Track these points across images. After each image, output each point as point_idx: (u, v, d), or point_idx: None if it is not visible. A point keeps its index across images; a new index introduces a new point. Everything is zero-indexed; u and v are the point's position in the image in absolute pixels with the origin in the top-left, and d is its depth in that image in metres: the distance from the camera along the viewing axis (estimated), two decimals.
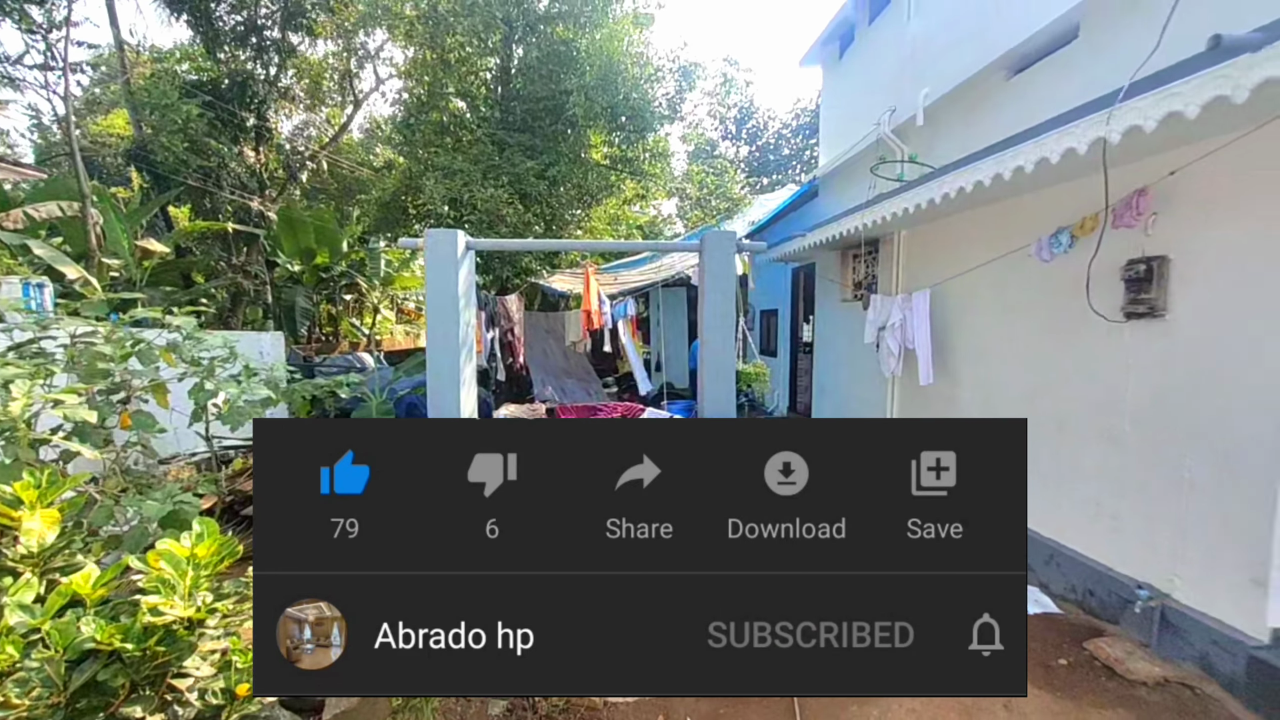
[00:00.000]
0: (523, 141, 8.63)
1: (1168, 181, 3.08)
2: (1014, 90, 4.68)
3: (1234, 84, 2.22)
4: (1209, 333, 2.98)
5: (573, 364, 8.24)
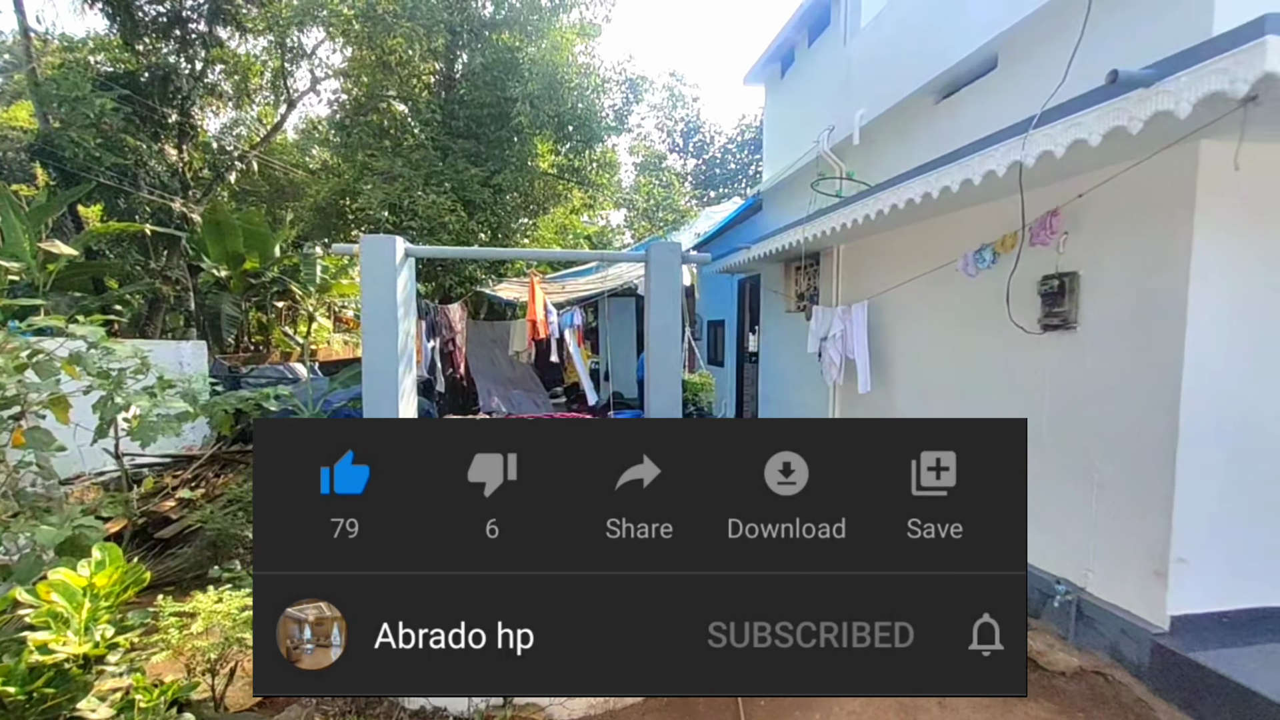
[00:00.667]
0: (467, 148, 8.48)
1: (1077, 203, 3.32)
2: (942, 113, 4.95)
3: (1130, 115, 2.42)
4: (1112, 343, 3.22)
5: (518, 374, 8.12)
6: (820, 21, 7.03)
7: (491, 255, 6.75)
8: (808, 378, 6.46)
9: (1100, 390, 3.28)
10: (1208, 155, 2.74)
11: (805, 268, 6.76)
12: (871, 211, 4.27)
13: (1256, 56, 2.01)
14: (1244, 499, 2.94)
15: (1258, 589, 3.00)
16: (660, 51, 45.99)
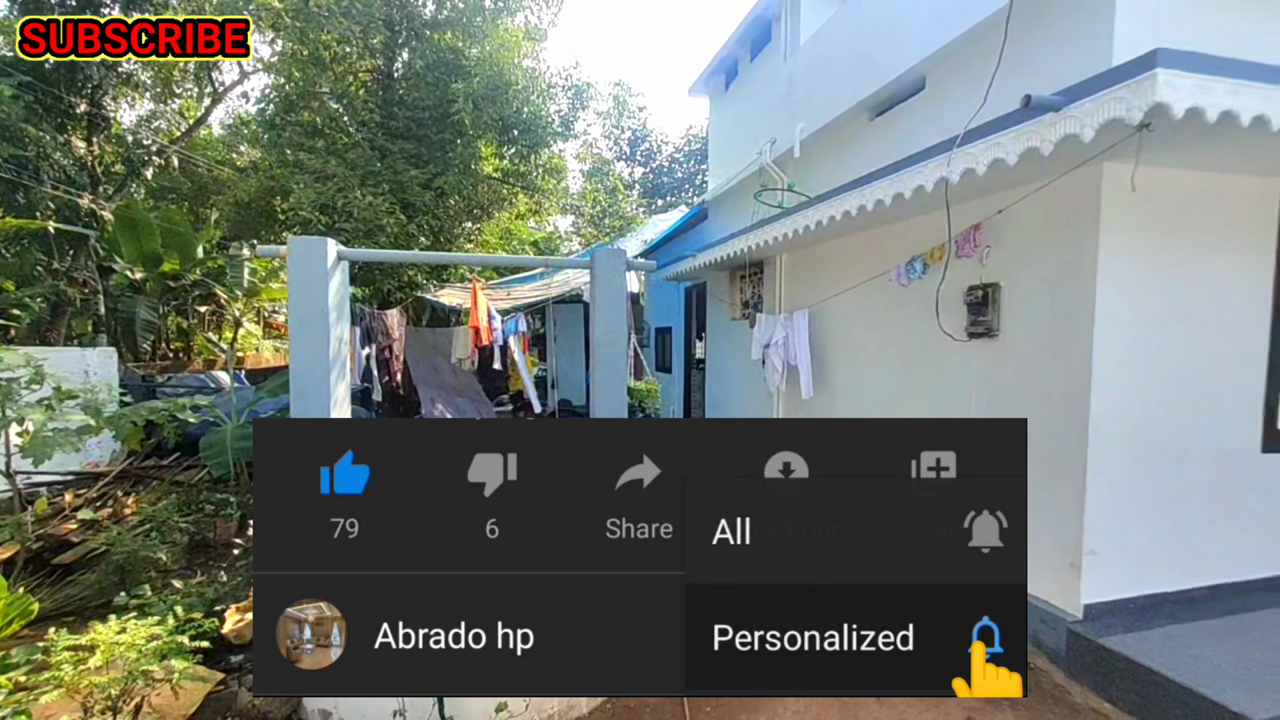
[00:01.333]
0: (407, 149, 8.22)
1: (997, 218, 3.52)
2: (876, 130, 5.17)
3: (1041, 138, 2.59)
4: (1030, 350, 3.43)
5: (461, 382, 7.89)
6: (762, 37, 7.23)
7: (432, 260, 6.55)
8: (753, 384, 6.58)
9: (1020, 394, 3.48)
10: (1110, 176, 2.96)
11: (750, 276, 6.90)
12: (811, 223, 4.40)
13: (1149, 87, 2.19)
14: (1146, 494, 3.18)
15: (1158, 576, 3.24)
16: (607, 60, 46.26)
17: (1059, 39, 3.39)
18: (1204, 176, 3.15)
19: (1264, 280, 3.33)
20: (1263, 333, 3.35)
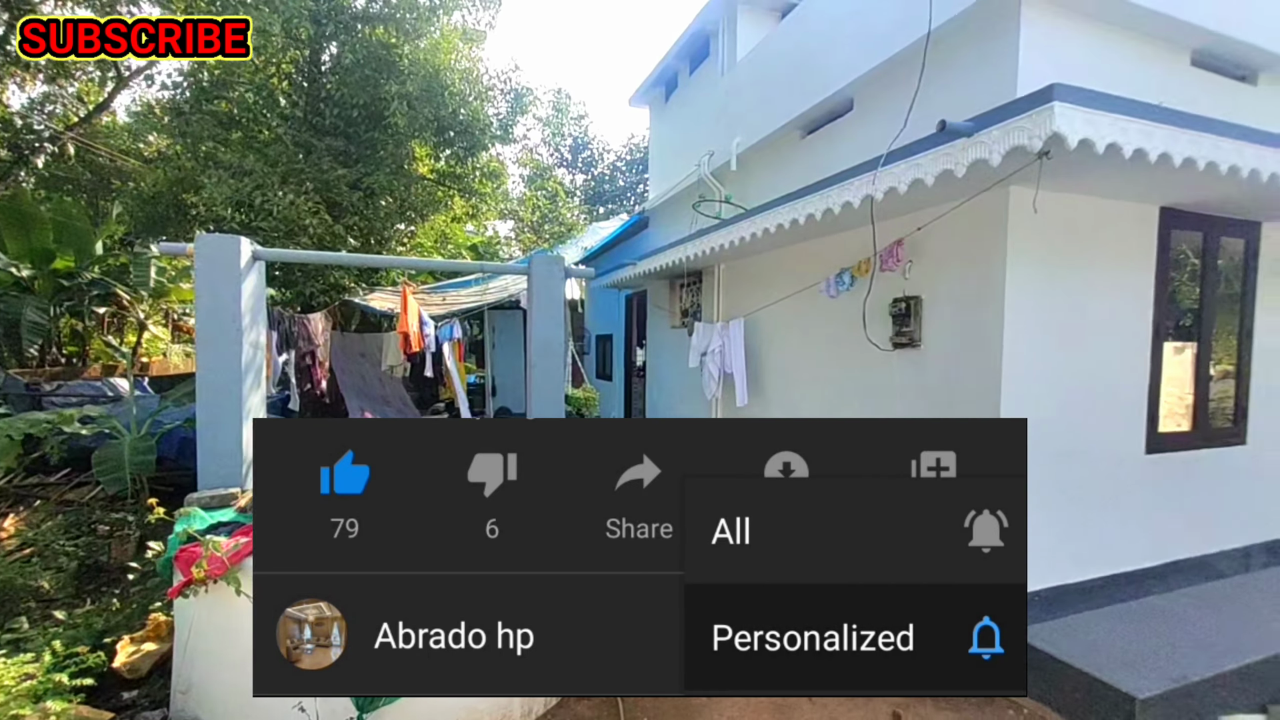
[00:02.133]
0: (334, 147, 7.83)
1: (918, 235, 3.72)
2: (808, 147, 5.37)
3: (955, 160, 2.75)
4: (948, 359, 3.63)
5: (390, 391, 7.54)
6: (701, 52, 7.38)
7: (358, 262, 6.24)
8: (691, 391, 6.66)
9: (940, 401, 3.68)
10: (1016, 199, 3.18)
11: (689, 285, 7.00)
12: (746, 234, 4.51)
13: (1047, 118, 2.38)
14: (1051, 493, 3.41)
15: (1062, 569, 3.48)
16: (548, 67, 46.05)
17: (971, 68, 3.63)
18: (1095, 201, 3.45)
19: (1145, 297, 3.67)
20: (1145, 345, 3.68)
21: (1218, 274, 3.93)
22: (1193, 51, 3.88)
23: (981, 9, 3.48)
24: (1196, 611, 3.34)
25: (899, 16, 3.98)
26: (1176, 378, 3.84)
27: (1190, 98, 3.38)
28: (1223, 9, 3.66)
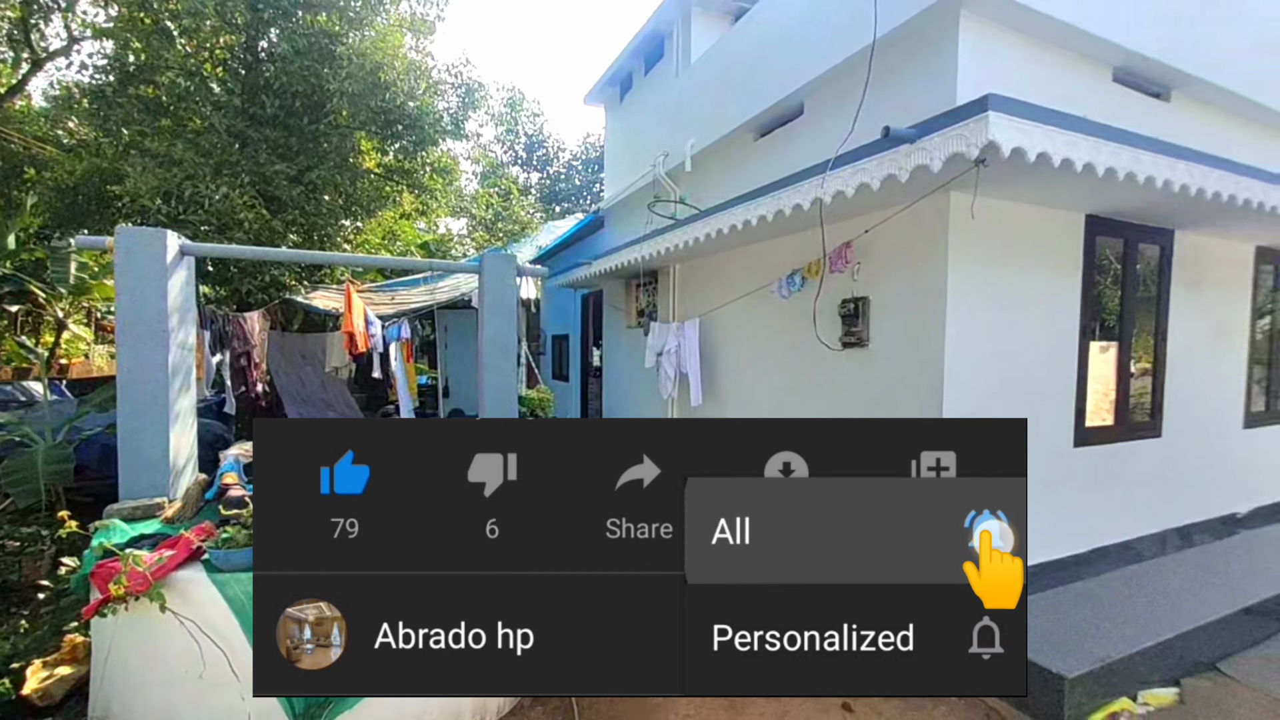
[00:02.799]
0: (273, 138, 7.42)
1: (865, 238, 3.83)
2: (761, 149, 5.45)
3: (899, 166, 2.84)
4: (894, 357, 3.75)
5: (332, 394, 7.22)
6: (655, 52, 7.40)
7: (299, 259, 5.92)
8: (648, 392, 6.67)
9: (888, 399, 3.79)
10: (956, 204, 3.31)
11: (645, 285, 7.00)
12: (700, 234, 4.54)
13: (983, 127, 2.48)
14: None
15: None
16: (502, 63, 45.33)
17: (915, 77, 3.76)
18: (1028, 209, 3.63)
19: (1073, 300, 3.89)
20: (1073, 344, 3.90)
21: (1137, 278, 4.20)
22: (1114, 69, 4.13)
23: (923, 20, 3.61)
24: (1119, 594, 3.55)
25: (846, 25, 4.08)
26: (1101, 375, 4.08)
27: (1112, 112, 3.59)
28: (1139, 29, 3.91)
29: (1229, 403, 4.91)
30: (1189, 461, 4.55)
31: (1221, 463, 4.80)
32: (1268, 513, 5.15)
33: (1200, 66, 4.23)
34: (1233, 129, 4.74)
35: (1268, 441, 5.18)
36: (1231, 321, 4.87)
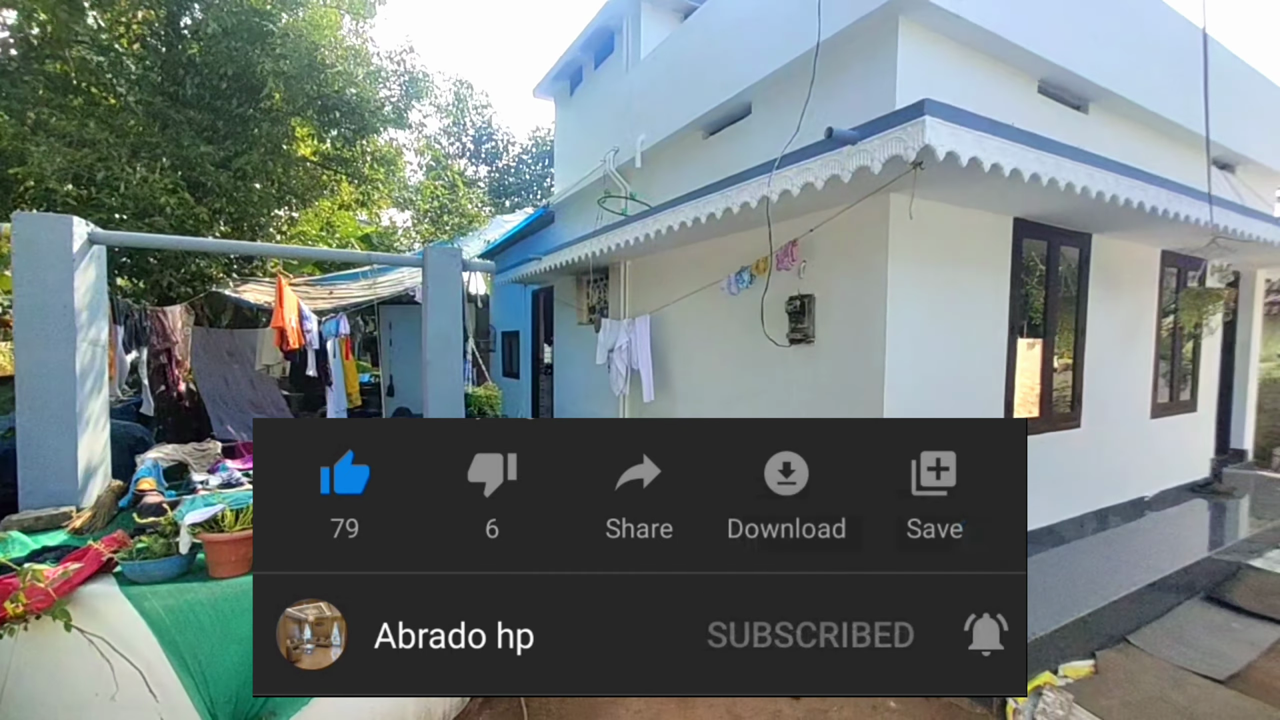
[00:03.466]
0: (197, 120, 6.92)
1: (810, 236, 3.91)
2: (710, 147, 5.49)
3: (842, 166, 2.91)
4: (839, 353, 3.85)
5: (261, 395, 6.80)
6: (605, 47, 7.35)
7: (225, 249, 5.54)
8: (599, 389, 6.63)
9: (832, 393, 3.89)
10: (895, 205, 3.43)
11: (596, 281, 6.95)
12: (650, 231, 4.53)
13: (919, 131, 2.57)
14: None
15: None
16: (448, 53, 44.13)
17: (857, 80, 3.87)
18: (962, 211, 3.80)
19: (1003, 298, 4.10)
20: (1002, 341, 4.11)
21: (1059, 278, 4.47)
22: (1039, 80, 4.38)
23: (864, 25, 3.71)
24: (1044, 574, 3.78)
25: (791, 27, 4.16)
26: (1028, 370, 4.32)
27: (1037, 121, 3.81)
28: (1061, 43, 4.15)
29: (1139, 395, 5.30)
30: (1105, 450, 4.88)
31: (1132, 450, 5.18)
32: (1170, 495, 5.61)
33: (1115, 82, 4.54)
34: (1142, 141, 5.11)
35: (1170, 430, 5.63)
36: (1140, 319, 5.26)
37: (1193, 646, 3.39)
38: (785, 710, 2.79)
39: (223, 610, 2.31)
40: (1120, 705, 2.81)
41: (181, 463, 3.57)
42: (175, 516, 2.49)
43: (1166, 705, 2.83)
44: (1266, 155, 6.35)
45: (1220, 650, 3.36)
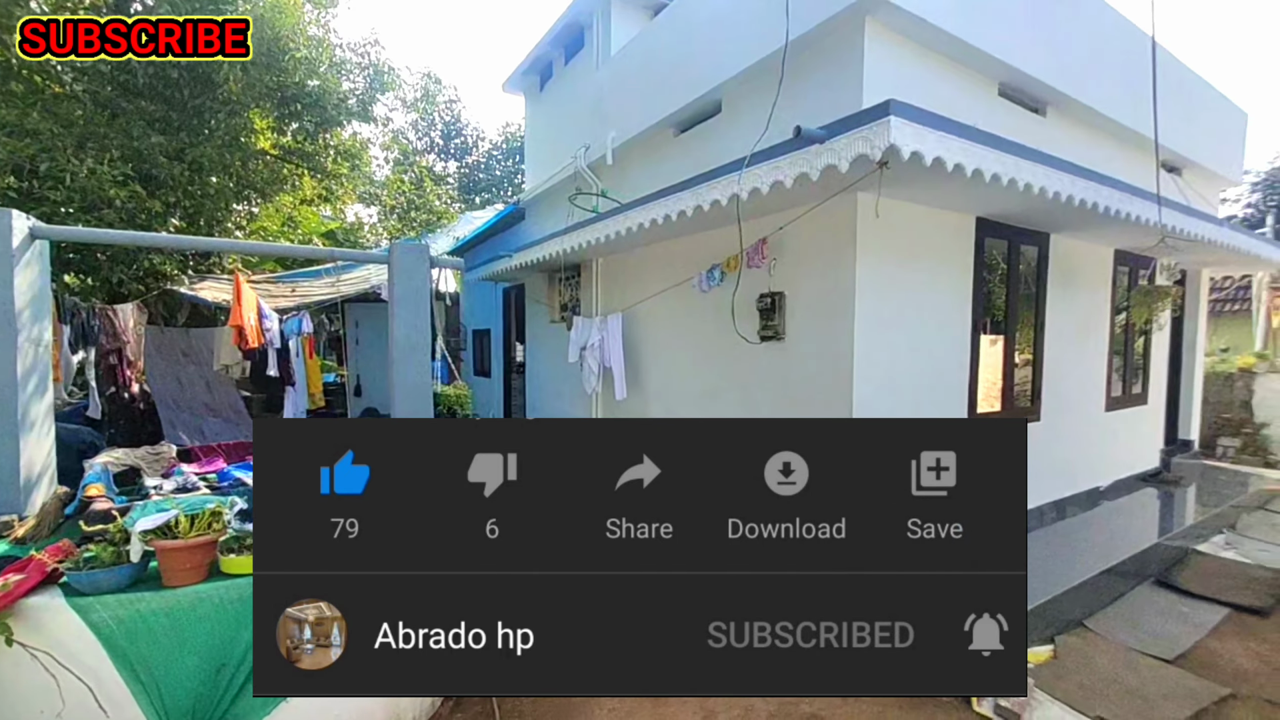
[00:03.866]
0: (148, 111, 6.61)
1: (780, 234, 3.95)
2: (681, 145, 5.50)
3: (810, 165, 2.94)
4: (808, 349, 3.90)
5: (218, 398, 6.52)
6: (576, 42, 7.29)
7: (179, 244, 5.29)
8: (571, 387, 6.59)
9: (803, 390, 3.94)
10: (862, 204, 3.48)
11: (568, 279, 6.91)
12: (622, 229, 4.52)
13: (885, 130, 2.61)
14: None
15: None
16: (416, 45, 43.29)
17: (826, 80, 3.91)
18: (927, 210, 3.88)
19: (966, 295, 4.20)
20: (966, 337, 4.22)
21: (1019, 276, 4.60)
22: (1000, 83, 4.49)
23: (832, 26, 3.76)
24: None
25: (760, 26, 4.18)
26: (990, 365, 4.45)
27: (997, 123, 3.91)
28: (1019, 47, 4.27)
29: (1094, 388, 5.51)
30: (1063, 442, 5.06)
31: (1088, 442, 5.38)
32: (1124, 485, 5.84)
33: (1072, 86, 4.69)
34: (1096, 144, 5.30)
35: (1123, 423, 5.86)
36: (1095, 316, 5.46)
37: (1144, 629, 3.53)
38: (757, 705, 2.81)
39: (177, 619, 2.23)
40: (1077, 688, 2.91)
41: (134, 467, 3.42)
42: (125, 523, 2.38)
43: (1120, 686, 2.94)
44: (1210, 159, 6.65)
45: (1169, 632, 3.51)
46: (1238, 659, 3.26)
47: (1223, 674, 3.11)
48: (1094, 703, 2.80)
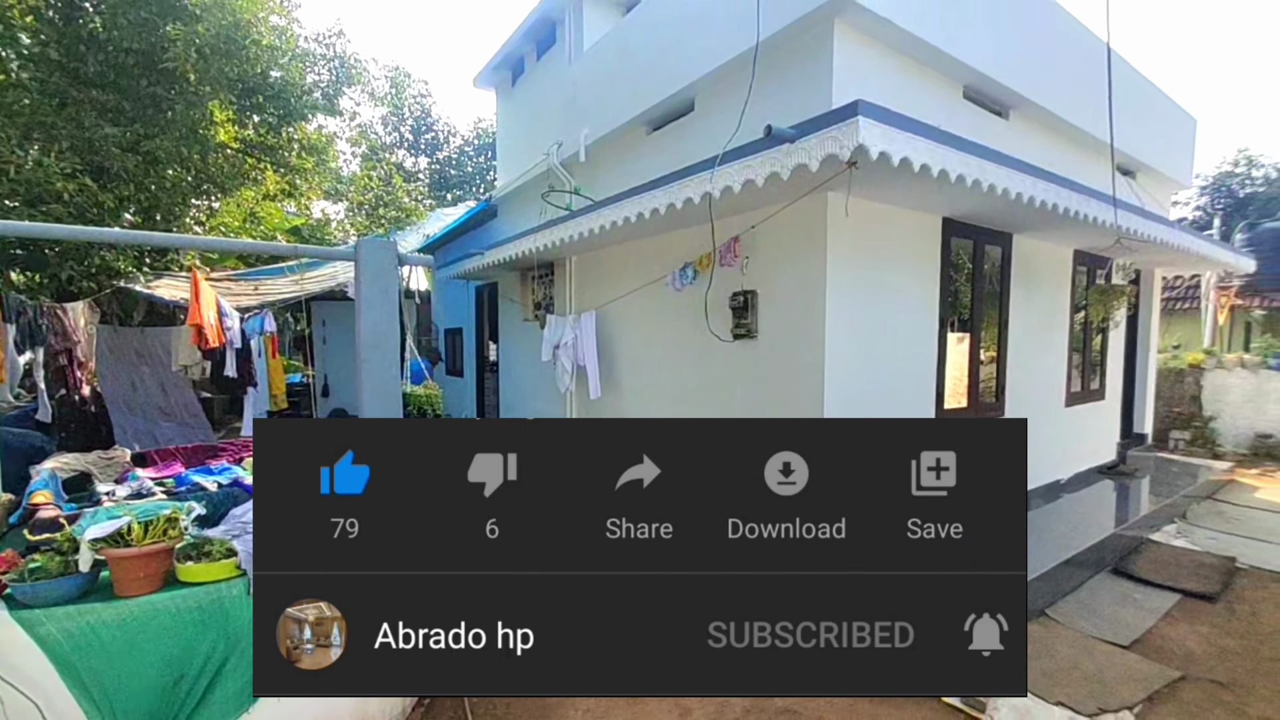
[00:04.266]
0: (101, 100, 6.32)
1: (752, 233, 3.97)
2: (654, 143, 5.49)
3: (781, 164, 2.96)
4: (781, 348, 3.93)
5: (174, 401, 6.25)
6: (548, 37, 7.23)
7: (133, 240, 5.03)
8: (545, 386, 6.54)
9: (775, 388, 3.97)
10: (832, 203, 3.52)
11: (541, 277, 6.85)
12: (594, 226, 4.49)
13: (853, 131, 2.64)
14: None
15: None
16: (385, 38, 42.41)
17: (796, 80, 3.95)
18: (895, 210, 3.94)
19: (933, 294, 4.29)
20: (933, 335, 4.31)
21: (984, 275, 4.72)
22: (965, 86, 4.60)
23: (802, 25, 3.79)
24: None
25: (732, 25, 4.20)
26: (957, 362, 4.55)
27: (962, 125, 3.99)
28: (982, 51, 4.37)
29: (1054, 384, 5.68)
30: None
31: (1050, 437, 5.55)
32: (1083, 478, 6.04)
33: (1033, 90, 4.83)
34: (1056, 146, 5.46)
35: (1082, 418, 6.06)
36: (1056, 314, 5.63)
37: (1101, 616, 3.66)
38: (733, 701, 2.83)
39: (131, 631, 2.13)
40: (1040, 675, 3.00)
41: (84, 473, 3.28)
42: (74, 532, 2.27)
43: (1078, 672, 3.04)
44: (1162, 163, 6.92)
45: (1125, 619, 3.64)
46: (1187, 642, 3.40)
47: (1173, 657, 3.24)
48: (1055, 689, 2.89)
